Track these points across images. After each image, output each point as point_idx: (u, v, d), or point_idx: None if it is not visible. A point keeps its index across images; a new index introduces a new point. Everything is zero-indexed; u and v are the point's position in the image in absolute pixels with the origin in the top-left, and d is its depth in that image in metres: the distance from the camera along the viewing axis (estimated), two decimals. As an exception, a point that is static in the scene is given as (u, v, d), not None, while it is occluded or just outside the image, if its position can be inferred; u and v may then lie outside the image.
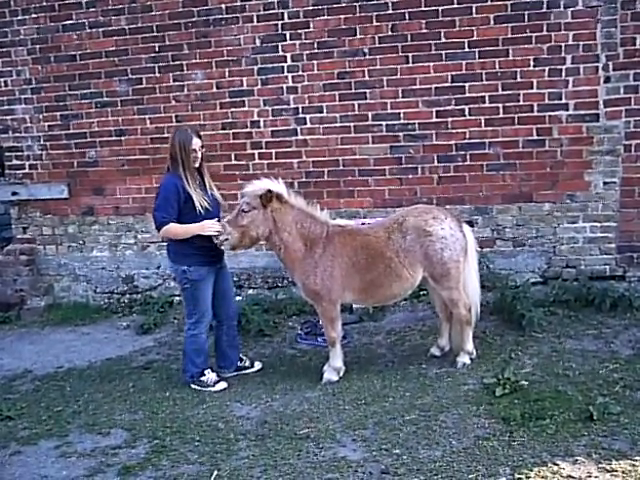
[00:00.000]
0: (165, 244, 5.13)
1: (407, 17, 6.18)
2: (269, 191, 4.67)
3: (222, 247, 4.88)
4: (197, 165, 4.87)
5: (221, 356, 5.22)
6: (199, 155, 4.87)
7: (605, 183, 6.04)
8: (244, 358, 5.33)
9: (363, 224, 5.38)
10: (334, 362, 4.93)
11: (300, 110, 6.57)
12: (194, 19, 6.67)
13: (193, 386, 5.00)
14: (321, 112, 6.52)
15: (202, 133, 6.57)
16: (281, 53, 6.52)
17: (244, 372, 5.24)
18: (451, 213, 5.07)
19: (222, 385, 4.99)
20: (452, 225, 4.80)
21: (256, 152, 6.69)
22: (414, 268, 4.78)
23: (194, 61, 6.75)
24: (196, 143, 4.81)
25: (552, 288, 6.07)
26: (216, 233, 4.74)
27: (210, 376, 5.01)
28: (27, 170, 7.41)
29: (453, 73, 6.16)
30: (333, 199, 6.53)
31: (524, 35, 5.98)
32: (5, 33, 7.21)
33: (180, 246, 4.84)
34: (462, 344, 4.95)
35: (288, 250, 4.83)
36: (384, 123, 6.39)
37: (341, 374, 4.93)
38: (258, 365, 5.33)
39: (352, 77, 6.39)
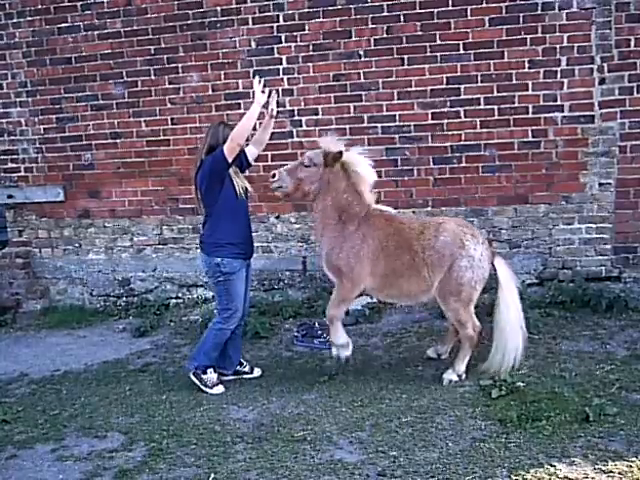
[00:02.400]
0: (161, 247, 5.10)
1: (402, 19, 6.19)
2: (339, 153, 4.66)
3: (276, 193, 4.92)
4: None
5: (222, 356, 5.10)
6: None
7: (600, 184, 6.05)
8: (244, 363, 5.28)
9: None
10: (335, 339, 4.84)
11: (296, 112, 6.58)
12: (189, 22, 6.67)
13: (192, 378, 4.95)
14: (317, 114, 6.53)
15: (198, 136, 6.63)
16: (277, 55, 6.53)
17: (243, 377, 5.21)
18: (489, 242, 4.92)
19: (220, 389, 4.96)
20: (484, 252, 4.60)
21: (252, 154, 6.68)
22: (434, 270, 4.58)
23: (189, 64, 6.75)
24: None
25: (548, 289, 6.09)
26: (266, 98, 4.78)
27: (211, 376, 4.96)
28: (23, 173, 7.40)
29: (448, 75, 6.17)
30: (329, 201, 6.52)
31: (519, 37, 5.99)
32: (0, 36, 7.20)
33: (215, 236, 4.80)
34: (455, 361, 4.75)
35: (324, 214, 4.82)
36: (380, 125, 6.39)
37: (350, 349, 4.88)
38: (258, 372, 5.26)
39: (348, 79, 6.40)
